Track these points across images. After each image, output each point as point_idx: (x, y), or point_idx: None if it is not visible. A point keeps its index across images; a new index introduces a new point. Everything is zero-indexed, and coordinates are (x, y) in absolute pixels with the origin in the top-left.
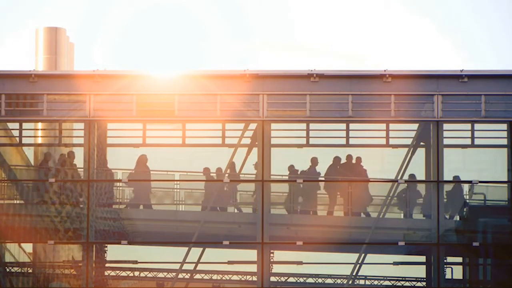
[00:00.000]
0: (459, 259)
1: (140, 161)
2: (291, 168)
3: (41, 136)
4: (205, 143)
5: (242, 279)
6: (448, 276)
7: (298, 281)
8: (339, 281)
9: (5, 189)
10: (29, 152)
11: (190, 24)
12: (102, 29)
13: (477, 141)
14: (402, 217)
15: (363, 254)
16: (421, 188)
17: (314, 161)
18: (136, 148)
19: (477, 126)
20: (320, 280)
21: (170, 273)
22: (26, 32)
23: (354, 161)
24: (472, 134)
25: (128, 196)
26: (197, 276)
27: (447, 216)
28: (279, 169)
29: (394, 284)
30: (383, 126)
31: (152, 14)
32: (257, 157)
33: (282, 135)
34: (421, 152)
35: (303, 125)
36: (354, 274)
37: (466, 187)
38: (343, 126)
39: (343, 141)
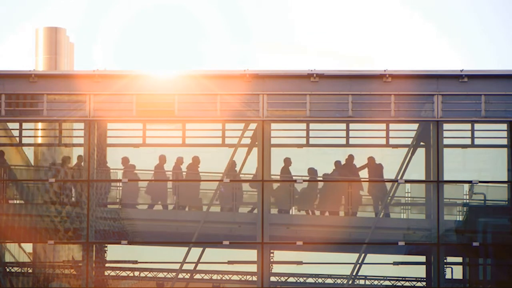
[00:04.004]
0: (459, 259)
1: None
2: (311, 170)
3: (41, 136)
4: (205, 143)
5: (242, 279)
6: (448, 276)
7: (298, 281)
8: (339, 281)
9: (5, 189)
10: (29, 152)
11: (190, 24)
12: (102, 29)
13: (477, 141)
14: (403, 217)
15: (363, 254)
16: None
17: (338, 164)
18: (136, 148)
19: (477, 126)
20: (320, 280)
21: (170, 273)
22: (26, 32)
23: (366, 161)
24: (472, 134)
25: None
26: (197, 276)
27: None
28: (279, 169)
29: (394, 284)
30: (383, 126)
31: (152, 14)
32: (257, 157)
33: (282, 135)
34: (421, 152)
35: (303, 125)
36: (354, 274)
37: (466, 187)
38: (343, 126)
39: (343, 141)
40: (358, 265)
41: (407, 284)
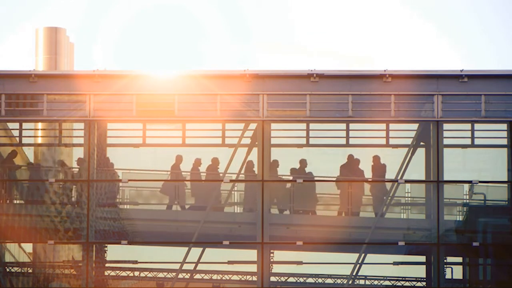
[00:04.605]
0: (459, 259)
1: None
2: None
3: (41, 136)
4: (205, 143)
5: (242, 279)
6: (448, 276)
7: (298, 281)
8: (339, 281)
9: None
10: (29, 152)
11: (190, 24)
12: (102, 29)
13: (477, 141)
14: (403, 217)
15: (363, 254)
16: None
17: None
18: (136, 148)
19: (477, 126)
20: (320, 280)
21: (170, 273)
22: (26, 32)
23: (371, 160)
24: (472, 134)
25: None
26: (197, 276)
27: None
28: (279, 169)
29: (394, 284)
30: (383, 126)
31: (152, 14)
32: (257, 157)
33: (282, 135)
34: (421, 152)
35: (303, 125)
36: (354, 274)
37: (466, 187)
38: (343, 126)
39: (343, 141)
40: (358, 265)
41: (407, 284)
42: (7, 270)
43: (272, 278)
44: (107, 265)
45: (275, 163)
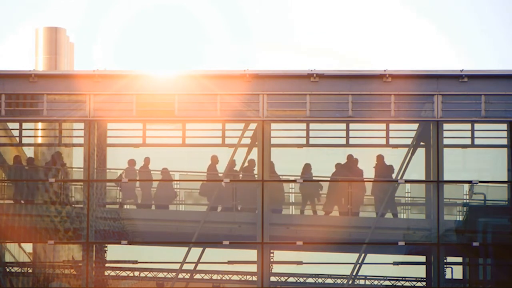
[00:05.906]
0: (459, 259)
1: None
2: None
3: (41, 136)
4: (205, 143)
5: (242, 279)
6: (448, 276)
7: (298, 281)
8: (339, 281)
9: (5, 189)
10: (29, 152)
11: (190, 24)
12: (102, 29)
13: (477, 141)
14: (403, 217)
15: (363, 254)
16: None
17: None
18: (136, 148)
19: (477, 126)
20: (320, 280)
21: (170, 273)
22: (26, 32)
23: (375, 160)
24: (472, 134)
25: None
26: (197, 276)
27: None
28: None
29: (394, 284)
30: (383, 126)
31: (152, 14)
32: (257, 157)
33: (282, 135)
34: (421, 152)
35: (303, 125)
36: (354, 274)
37: (466, 187)
38: (343, 126)
39: (343, 141)
40: (358, 265)
41: (407, 284)
42: (7, 270)
43: (272, 278)
44: (107, 265)
45: (308, 166)
